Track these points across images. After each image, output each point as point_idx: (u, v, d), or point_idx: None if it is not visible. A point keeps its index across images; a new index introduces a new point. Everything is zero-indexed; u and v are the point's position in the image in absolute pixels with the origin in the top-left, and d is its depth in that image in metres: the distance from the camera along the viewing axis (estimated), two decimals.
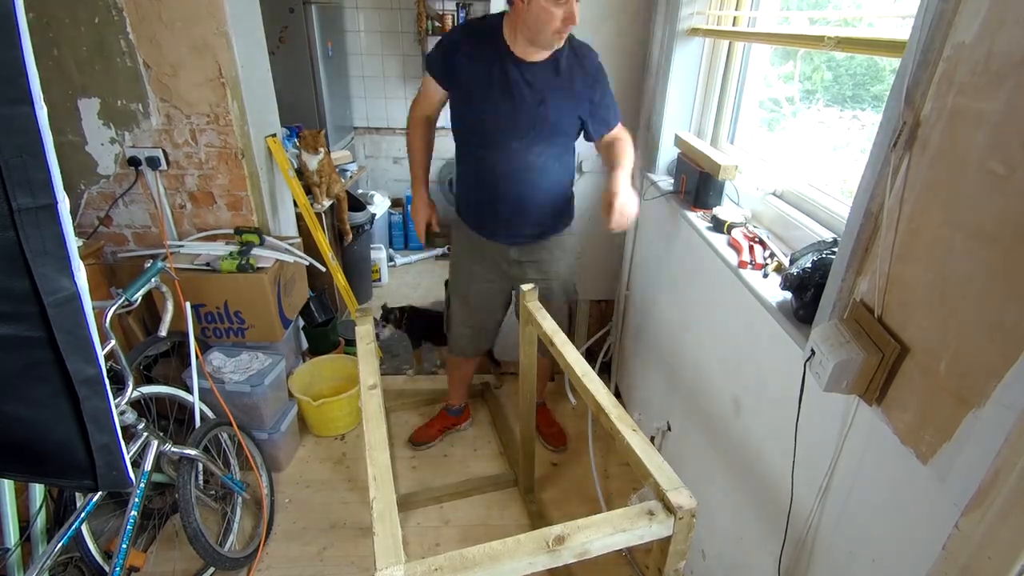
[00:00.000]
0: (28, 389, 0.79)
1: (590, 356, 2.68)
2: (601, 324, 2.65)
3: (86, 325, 0.77)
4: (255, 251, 2.10)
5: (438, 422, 2.36)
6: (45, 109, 0.67)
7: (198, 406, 1.85)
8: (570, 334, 1.94)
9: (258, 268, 2.04)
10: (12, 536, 1.34)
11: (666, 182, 1.94)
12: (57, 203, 0.70)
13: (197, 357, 1.87)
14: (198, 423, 1.83)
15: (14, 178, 0.66)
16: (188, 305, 1.86)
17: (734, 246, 1.41)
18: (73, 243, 0.73)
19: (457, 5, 4.47)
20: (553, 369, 2.56)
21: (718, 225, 1.51)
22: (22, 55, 0.63)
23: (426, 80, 1.76)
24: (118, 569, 1.41)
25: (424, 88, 1.78)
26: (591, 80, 1.64)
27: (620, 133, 1.75)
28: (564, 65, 1.61)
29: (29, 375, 0.78)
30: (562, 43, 1.57)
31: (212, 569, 1.76)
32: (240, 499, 1.95)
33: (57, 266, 0.72)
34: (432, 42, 3.66)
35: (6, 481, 1.33)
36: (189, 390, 1.85)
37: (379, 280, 3.72)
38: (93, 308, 0.78)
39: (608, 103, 1.70)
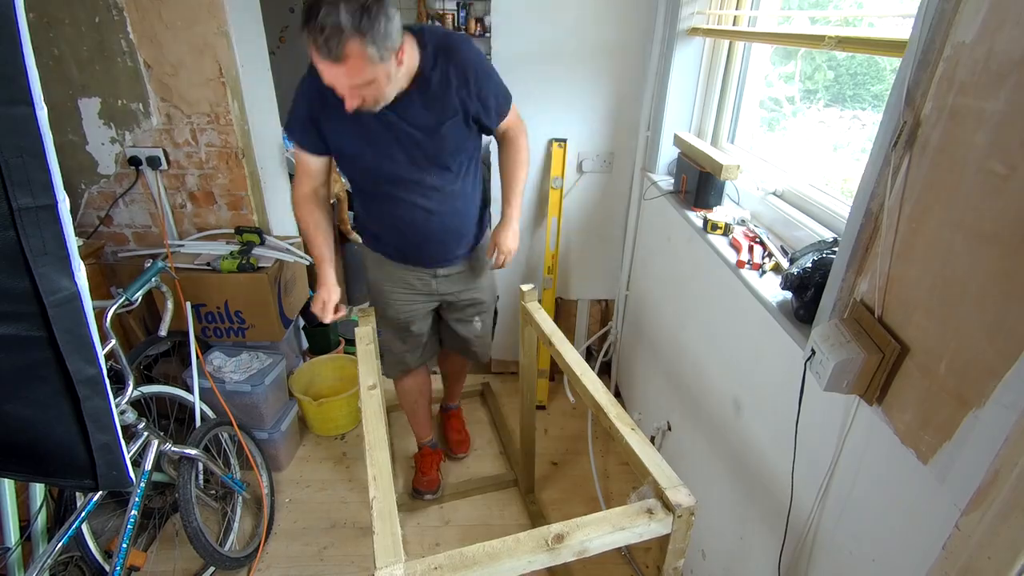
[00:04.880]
0: (28, 389, 0.79)
1: (590, 356, 2.68)
2: (601, 324, 2.65)
3: (86, 325, 0.77)
4: (255, 251, 2.10)
5: (432, 462, 2.13)
6: (45, 109, 0.67)
7: (198, 406, 1.85)
8: (492, 333, 2.03)
9: (259, 268, 2.05)
10: (12, 535, 1.34)
11: (666, 182, 1.94)
12: (57, 203, 0.70)
13: (197, 357, 1.87)
14: (198, 423, 1.83)
15: (14, 178, 0.66)
16: (188, 305, 1.87)
17: (735, 246, 1.41)
18: (73, 243, 0.73)
19: (457, 5, 4.48)
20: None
21: (718, 225, 1.51)
22: (22, 55, 0.63)
23: (298, 155, 1.50)
24: (118, 568, 1.41)
25: (300, 164, 1.52)
26: (464, 77, 1.40)
27: (513, 125, 1.59)
28: (436, 78, 1.38)
29: (29, 375, 0.78)
30: (364, 105, 1.30)
31: (212, 568, 1.76)
32: (240, 499, 1.95)
33: (57, 266, 0.72)
34: None
35: (6, 480, 1.33)
36: (189, 390, 1.85)
37: None
38: (93, 308, 0.78)
39: (490, 91, 1.46)
